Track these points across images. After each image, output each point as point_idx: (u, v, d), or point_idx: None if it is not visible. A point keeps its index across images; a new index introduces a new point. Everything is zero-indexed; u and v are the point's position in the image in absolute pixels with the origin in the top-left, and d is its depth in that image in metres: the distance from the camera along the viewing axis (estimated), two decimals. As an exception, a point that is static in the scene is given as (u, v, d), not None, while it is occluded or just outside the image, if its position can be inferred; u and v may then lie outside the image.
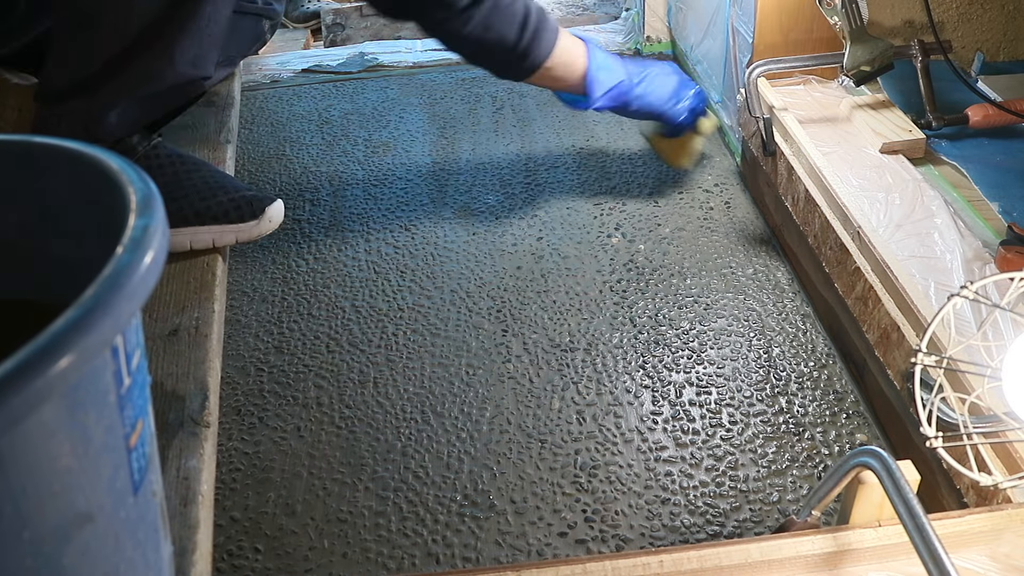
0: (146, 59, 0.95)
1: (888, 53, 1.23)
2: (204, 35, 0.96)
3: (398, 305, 1.23)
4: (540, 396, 1.07)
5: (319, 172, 1.53)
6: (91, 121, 0.95)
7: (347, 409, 1.07)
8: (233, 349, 1.16)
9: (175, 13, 0.93)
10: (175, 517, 0.70)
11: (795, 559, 0.72)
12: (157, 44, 0.94)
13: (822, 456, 0.98)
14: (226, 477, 0.99)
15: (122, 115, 0.97)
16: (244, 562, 0.90)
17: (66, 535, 0.42)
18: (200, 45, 0.96)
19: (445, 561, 0.90)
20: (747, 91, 1.31)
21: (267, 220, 1.04)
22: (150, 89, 0.97)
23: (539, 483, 0.97)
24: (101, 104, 0.95)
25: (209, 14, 0.95)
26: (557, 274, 1.27)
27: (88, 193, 0.50)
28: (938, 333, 0.83)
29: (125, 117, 0.97)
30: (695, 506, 0.94)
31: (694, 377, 1.09)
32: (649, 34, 1.88)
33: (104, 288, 0.40)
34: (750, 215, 1.37)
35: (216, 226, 1.02)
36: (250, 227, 1.03)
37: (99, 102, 0.95)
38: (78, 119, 0.95)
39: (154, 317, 0.92)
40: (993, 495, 0.79)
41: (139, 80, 0.96)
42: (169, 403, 0.81)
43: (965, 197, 1.15)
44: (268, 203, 1.05)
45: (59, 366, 0.37)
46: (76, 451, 0.41)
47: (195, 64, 0.97)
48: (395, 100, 1.75)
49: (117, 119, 0.97)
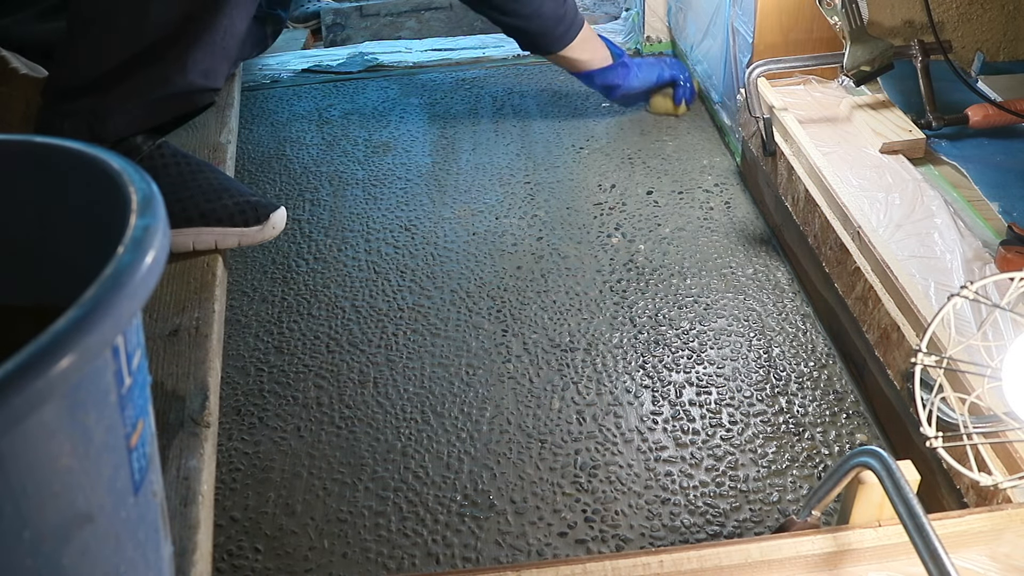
0: (159, 66, 0.95)
1: (888, 53, 1.23)
2: (218, 48, 0.97)
3: (398, 305, 1.23)
4: (540, 396, 1.07)
5: (319, 172, 1.53)
6: (96, 121, 0.95)
7: (347, 409, 1.07)
8: (233, 349, 1.16)
9: (192, 25, 0.94)
10: (175, 517, 0.70)
11: (795, 559, 0.72)
12: (171, 53, 0.95)
13: (822, 456, 0.98)
14: (226, 477, 0.99)
15: (127, 117, 0.97)
16: (244, 562, 0.90)
17: (66, 535, 0.42)
18: (213, 57, 0.97)
19: (445, 561, 0.90)
20: (747, 91, 1.31)
21: (271, 226, 1.05)
22: (159, 94, 0.97)
23: (539, 483, 0.97)
24: (108, 105, 0.96)
25: (225, 28, 0.96)
26: (557, 274, 1.27)
27: (89, 193, 0.50)
28: (938, 333, 0.83)
29: (130, 119, 0.98)
30: (695, 506, 0.94)
31: (694, 377, 1.09)
32: (649, 34, 1.88)
33: (105, 288, 0.40)
34: (750, 215, 1.38)
35: (220, 228, 1.02)
36: (254, 232, 1.04)
37: (106, 103, 0.95)
38: (83, 118, 0.95)
39: (154, 317, 0.92)
40: (993, 495, 0.79)
41: (149, 85, 0.96)
42: (169, 403, 0.81)
43: (965, 197, 1.15)
44: (272, 209, 1.05)
45: (60, 366, 0.37)
46: (76, 451, 0.41)
47: (207, 75, 0.98)
48: (395, 100, 1.75)
49: (122, 120, 0.97)
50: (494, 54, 1.91)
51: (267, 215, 1.04)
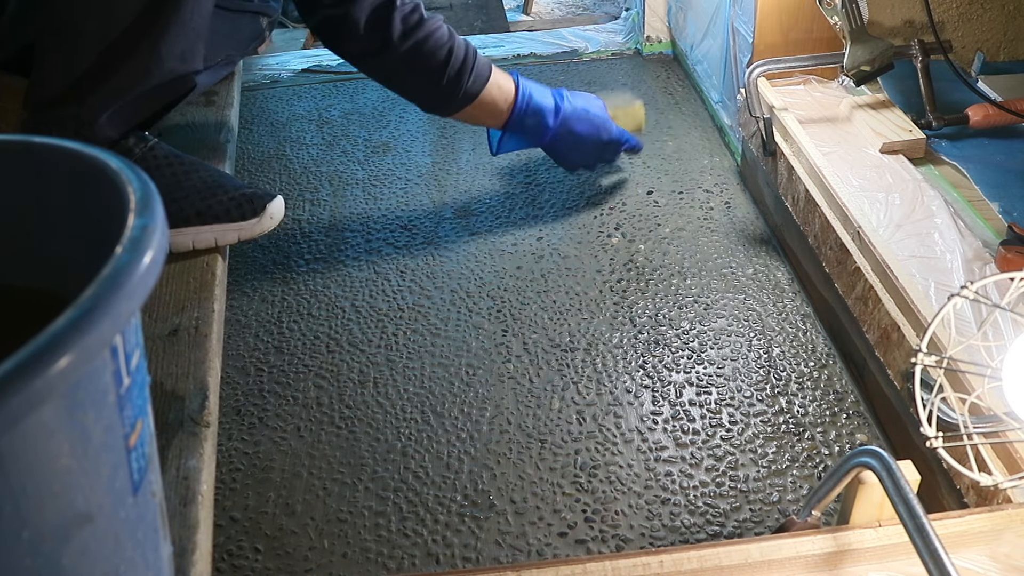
0: (133, 60, 0.94)
1: (888, 53, 1.23)
2: (189, 29, 0.95)
3: (398, 305, 1.23)
4: (540, 396, 1.07)
5: (319, 172, 1.53)
6: (83, 126, 0.94)
7: (347, 409, 1.07)
8: (233, 349, 1.16)
9: (158, 12, 0.92)
10: (175, 517, 0.70)
11: (795, 559, 0.72)
12: (143, 43, 0.93)
13: (822, 456, 0.98)
14: (226, 477, 0.99)
15: (113, 117, 0.96)
16: (244, 562, 0.90)
17: (66, 535, 0.42)
18: (187, 39, 0.96)
19: (445, 561, 0.90)
20: (747, 91, 1.31)
21: (268, 217, 1.04)
22: (140, 89, 0.96)
23: (539, 483, 0.97)
24: (91, 108, 0.94)
25: (192, 7, 0.94)
26: (557, 274, 1.27)
27: (87, 193, 0.50)
28: (938, 333, 0.83)
29: (116, 119, 0.97)
30: (695, 506, 0.93)
31: (694, 377, 1.09)
32: (649, 34, 1.88)
33: (103, 288, 0.40)
34: (750, 215, 1.37)
35: (218, 225, 1.02)
36: (251, 225, 1.03)
37: (89, 107, 0.94)
38: (69, 126, 0.94)
39: (154, 317, 0.92)
40: (993, 495, 0.79)
41: (128, 81, 0.95)
42: (169, 403, 0.81)
43: (965, 197, 1.15)
44: (268, 200, 1.05)
45: (58, 366, 0.37)
46: (75, 451, 0.41)
47: (183, 59, 0.97)
48: (395, 100, 1.75)
49: (108, 121, 0.96)
50: (494, 54, 1.91)
51: (263, 206, 1.04)
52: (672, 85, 1.76)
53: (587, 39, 1.95)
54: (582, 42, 1.94)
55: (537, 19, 2.29)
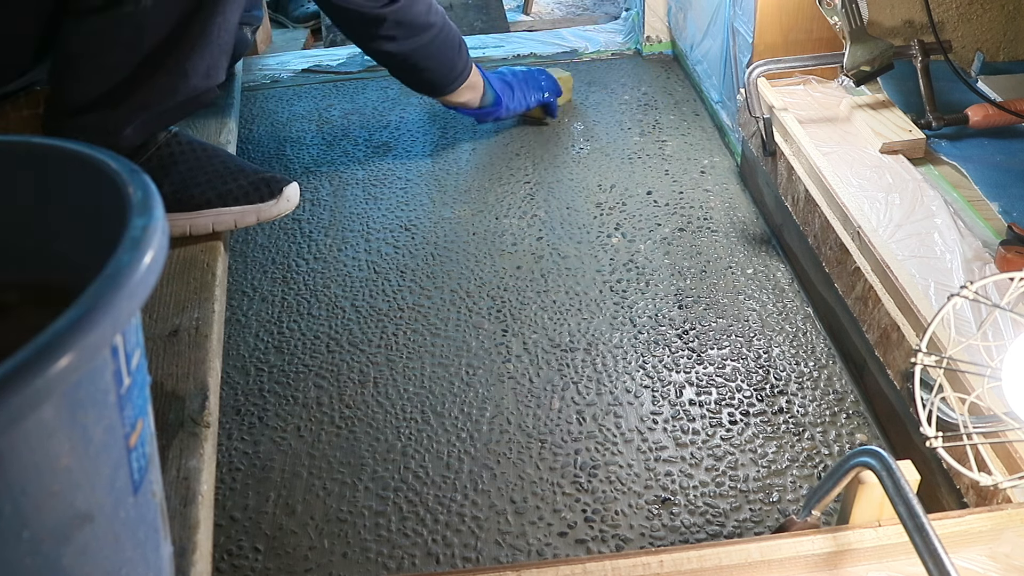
0: (160, 76, 0.96)
1: (888, 53, 1.23)
2: (215, 46, 0.98)
3: (398, 305, 1.23)
4: (540, 396, 1.07)
5: (319, 172, 1.53)
6: (108, 136, 0.96)
7: (347, 409, 1.07)
8: (233, 349, 1.16)
9: (186, 31, 0.94)
10: (175, 517, 0.70)
11: (795, 559, 0.72)
12: (170, 61, 0.95)
13: (822, 456, 0.98)
14: (226, 477, 0.99)
15: (138, 128, 0.99)
16: (244, 562, 0.90)
17: (66, 535, 0.42)
18: (212, 56, 0.98)
19: (445, 561, 0.90)
20: (747, 91, 1.31)
21: (285, 199, 1.07)
22: (165, 104, 0.99)
23: (539, 483, 0.97)
24: (117, 121, 0.97)
25: (219, 25, 0.96)
26: (557, 274, 1.27)
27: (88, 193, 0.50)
28: (938, 333, 0.83)
29: (141, 130, 0.99)
30: (695, 506, 0.94)
31: (694, 377, 1.09)
32: (649, 34, 1.88)
33: (103, 288, 0.40)
34: (750, 215, 1.37)
35: (237, 207, 1.04)
36: (269, 206, 1.05)
37: (115, 119, 0.96)
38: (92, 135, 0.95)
39: (154, 317, 0.92)
40: (993, 495, 0.79)
41: (154, 97, 0.97)
42: (169, 403, 0.81)
43: (965, 197, 1.15)
44: (285, 183, 1.07)
45: (59, 366, 0.37)
46: (76, 451, 0.41)
47: (208, 75, 0.99)
48: (395, 100, 1.75)
49: (133, 132, 0.98)
50: (494, 54, 1.91)
51: (280, 189, 1.06)
52: (672, 85, 1.76)
53: (587, 39, 1.95)
54: (582, 42, 1.94)
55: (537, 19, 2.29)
